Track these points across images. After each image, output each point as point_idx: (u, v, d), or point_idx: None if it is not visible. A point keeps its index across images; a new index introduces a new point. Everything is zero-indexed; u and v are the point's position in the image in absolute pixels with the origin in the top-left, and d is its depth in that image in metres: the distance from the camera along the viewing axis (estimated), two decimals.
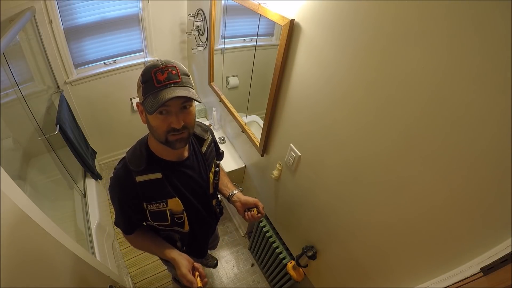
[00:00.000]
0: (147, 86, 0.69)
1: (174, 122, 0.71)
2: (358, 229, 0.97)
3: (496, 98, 0.52)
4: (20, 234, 0.73)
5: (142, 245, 0.97)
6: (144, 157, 0.82)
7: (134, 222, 0.91)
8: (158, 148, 0.84)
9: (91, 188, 2.05)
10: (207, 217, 1.05)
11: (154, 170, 0.82)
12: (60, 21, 1.80)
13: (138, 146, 0.85)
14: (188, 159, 0.90)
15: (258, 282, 1.99)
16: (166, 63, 0.69)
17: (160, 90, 0.67)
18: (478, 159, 0.57)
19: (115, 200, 0.86)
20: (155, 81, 0.67)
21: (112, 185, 0.85)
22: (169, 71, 0.68)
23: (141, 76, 0.71)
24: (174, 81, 0.68)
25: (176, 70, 0.69)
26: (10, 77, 1.50)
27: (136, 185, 0.81)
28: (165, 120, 0.71)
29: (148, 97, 0.68)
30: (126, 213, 0.87)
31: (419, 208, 0.72)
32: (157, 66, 0.68)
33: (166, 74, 0.68)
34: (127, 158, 0.83)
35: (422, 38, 0.61)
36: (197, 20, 1.88)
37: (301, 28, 0.96)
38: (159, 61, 0.69)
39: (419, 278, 0.77)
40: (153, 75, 0.68)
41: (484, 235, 0.60)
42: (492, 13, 0.49)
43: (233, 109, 1.70)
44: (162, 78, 0.67)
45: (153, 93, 0.68)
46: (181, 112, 0.72)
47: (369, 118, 0.81)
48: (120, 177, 0.83)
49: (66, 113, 1.86)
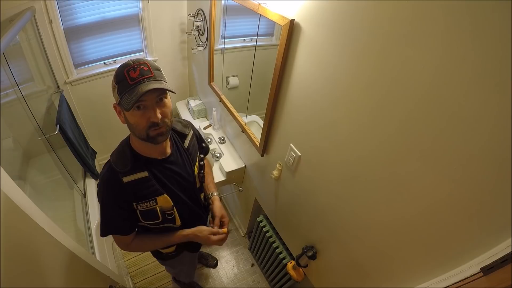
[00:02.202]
0: (121, 85, 0.70)
1: (152, 116, 0.73)
2: (358, 229, 0.97)
3: (495, 97, 0.51)
4: (20, 234, 0.73)
5: (143, 245, 0.97)
6: (129, 157, 0.83)
7: (132, 221, 0.90)
8: (141, 147, 0.84)
9: (91, 188, 2.05)
10: (197, 210, 1.07)
11: (140, 169, 0.83)
12: (60, 21, 1.80)
13: (122, 148, 0.85)
14: (172, 155, 0.91)
15: (258, 282, 1.99)
16: (137, 61, 0.71)
17: (135, 87, 0.69)
18: (478, 158, 0.57)
19: (106, 204, 0.85)
20: (128, 79, 0.69)
21: (101, 190, 0.84)
22: (141, 68, 0.70)
23: (114, 77, 0.72)
24: (147, 76, 0.70)
25: (148, 66, 0.71)
26: (10, 77, 1.50)
27: (124, 186, 0.81)
28: (143, 116, 0.73)
29: (124, 95, 0.70)
30: (122, 215, 0.86)
31: (419, 208, 0.72)
32: (128, 65, 0.70)
33: (139, 71, 0.69)
34: (112, 160, 0.83)
35: (420, 38, 0.61)
36: (197, 20, 1.88)
37: (301, 28, 0.96)
38: (130, 61, 0.71)
39: (419, 278, 0.77)
40: (126, 74, 0.69)
41: (484, 235, 0.60)
42: (490, 12, 0.49)
43: (233, 109, 1.70)
44: (135, 75, 0.69)
45: (128, 90, 0.69)
46: (157, 105, 0.74)
47: (368, 117, 0.81)
48: (108, 180, 0.82)
49: (66, 113, 1.86)
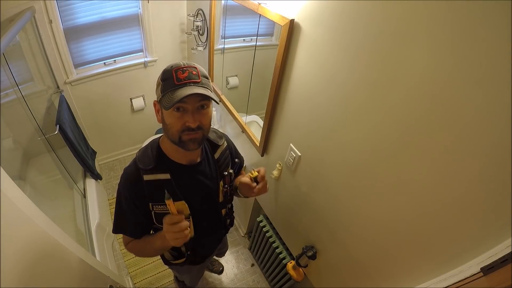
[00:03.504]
0: (166, 84, 0.69)
1: (190, 120, 0.71)
2: (358, 229, 0.97)
3: (498, 99, 0.51)
4: (20, 234, 0.73)
5: (139, 249, 0.91)
6: (154, 157, 0.81)
7: (142, 225, 0.87)
8: (170, 150, 0.83)
9: (91, 188, 2.05)
10: (215, 225, 1.03)
11: (162, 170, 0.81)
12: (60, 21, 1.80)
13: (150, 146, 0.85)
14: (200, 164, 0.88)
15: (258, 282, 1.99)
16: (188, 64, 0.70)
17: (179, 88, 0.68)
18: (477, 159, 0.57)
19: (122, 198, 0.84)
20: (175, 79, 0.68)
21: (120, 183, 0.85)
22: (190, 71, 0.69)
23: (161, 75, 0.72)
24: (194, 80, 0.69)
25: (197, 71, 0.71)
26: (10, 77, 1.50)
27: (143, 184, 0.80)
28: (180, 118, 0.71)
29: (167, 94, 0.69)
30: (134, 213, 0.84)
31: (419, 208, 0.72)
32: (178, 65, 0.69)
33: (187, 73, 0.69)
34: (137, 156, 0.83)
35: (425, 39, 0.61)
36: (197, 20, 1.88)
37: (301, 28, 0.96)
38: (181, 62, 0.70)
39: (419, 278, 0.77)
40: (173, 73, 0.68)
41: (484, 235, 0.60)
42: (497, 13, 0.49)
43: (233, 109, 1.70)
44: (182, 76, 0.68)
45: (171, 90, 0.68)
46: (197, 111, 0.72)
47: (369, 118, 0.81)
48: (129, 174, 0.83)
49: (66, 113, 1.86)
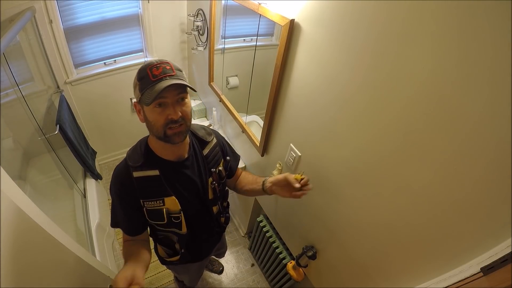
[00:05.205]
0: (143, 82, 0.72)
1: (171, 113, 0.74)
2: (358, 229, 0.97)
3: (501, 102, 0.51)
4: (20, 234, 0.73)
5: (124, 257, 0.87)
6: (143, 154, 0.85)
7: (136, 222, 0.91)
8: (157, 147, 0.86)
9: (91, 188, 2.05)
10: (208, 222, 1.04)
11: (151, 167, 0.84)
12: (60, 21, 1.80)
13: (139, 144, 0.88)
14: (187, 160, 0.90)
15: (258, 282, 1.99)
16: (160, 60, 0.73)
17: (157, 83, 0.70)
18: (479, 160, 0.57)
19: (114, 196, 0.88)
20: (151, 76, 0.71)
21: (112, 181, 0.88)
22: (164, 66, 0.72)
23: (137, 75, 0.74)
24: (169, 74, 0.72)
25: (170, 66, 0.73)
26: (10, 77, 1.50)
27: (133, 180, 0.83)
28: (162, 113, 0.74)
29: (146, 91, 0.71)
30: (126, 211, 0.88)
31: (419, 208, 0.72)
32: (151, 63, 0.72)
33: (161, 69, 0.71)
34: (127, 154, 0.87)
35: (430, 39, 0.60)
36: (197, 20, 1.88)
37: (301, 28, 0.96)
38: (153, 60, 0.73)
39: (419, 278, 0.77)
40: (148, 71, 0.71)
41: (484, 235, 0.60)
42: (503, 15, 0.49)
43: (233, 109, 1.70)
44: (157, 72, 0.71)
45: (149, 86, 0.71)
46: (177, 104, 0.75)
47: (369, 117, 0.81)
48: (119, 172, 0.86)
49: (66, 113, 1.86)
